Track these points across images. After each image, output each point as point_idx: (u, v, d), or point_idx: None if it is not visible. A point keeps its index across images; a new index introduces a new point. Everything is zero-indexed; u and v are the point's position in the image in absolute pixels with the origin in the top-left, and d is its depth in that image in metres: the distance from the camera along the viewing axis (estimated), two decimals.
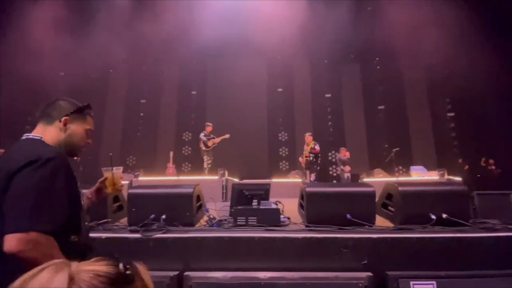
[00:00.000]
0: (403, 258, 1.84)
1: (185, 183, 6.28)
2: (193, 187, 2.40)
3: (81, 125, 1.18)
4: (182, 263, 1.92)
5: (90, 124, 1.22)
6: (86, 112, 1.21)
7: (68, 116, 1.14)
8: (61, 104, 1.16)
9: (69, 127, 1.14)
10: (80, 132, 1.17)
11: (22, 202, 0.87)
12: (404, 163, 8.83)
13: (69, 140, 1.14)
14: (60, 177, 0.94)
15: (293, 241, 1.91)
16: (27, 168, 0.91)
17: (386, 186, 2.47)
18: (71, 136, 1.14)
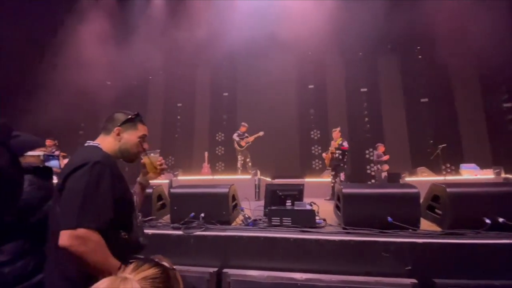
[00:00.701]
0: (452, 265, 1.70)
1: (219, 182, 6.50)
2: (229, 187, 2.48)
3: (133, 133, 1.28)
4: (220, 260, 2.00)
5: (142, 131, 1.31)
6: (137, 120, 1.31)
7: (120, 126, 1.26)
8: (115, 117, 1.30)
9: (123, 136, 1.26)
10: (133, 139, 1.27)
11: (72, 202, 0.98)
12: (452, 161, 8.06)
13: (123, 148, 1.25)
14: (105, 180, 1.03)
15: (330, 243, 1.88)
16: (77, 171, 1.03)
17: (432, 187, 2.29)
18: (125, 144, 1.25)
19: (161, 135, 10.97)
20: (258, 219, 2.51)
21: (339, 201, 2.34)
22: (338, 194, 2.40)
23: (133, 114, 1.32)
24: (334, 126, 9.85)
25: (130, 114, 1.32)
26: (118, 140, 1.25)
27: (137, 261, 0.73)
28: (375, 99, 10.14)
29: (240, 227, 2.29)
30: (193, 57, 10.12)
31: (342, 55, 10.41)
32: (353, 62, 10.39)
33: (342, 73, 10.48)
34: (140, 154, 1.32)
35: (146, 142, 1.33)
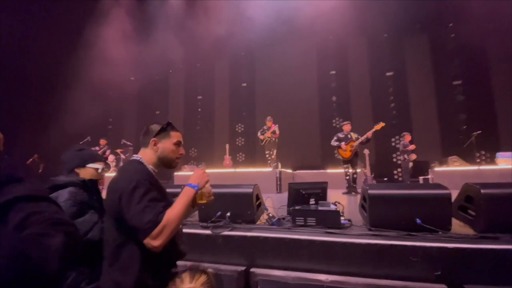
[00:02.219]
0: (485, 271, 1.64)
1: (242, 175, 6.63)
2: (253, 187, 2.54)
3: (168, 141, 1.36)
4: (247, 259, 2.09)
5: (176, 137, 1.38)
6: (169, 129, 1.38)
7: (155, 137, 1.35)
8: (150, 129, 1.39)
9: (159, 146, 1.35)
10: (169, 147, 1.35)
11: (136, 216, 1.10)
12: (488, 148, 7.53)
13: (162, 156, 1.35)
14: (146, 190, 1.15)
15: (355, 247, 1.89)
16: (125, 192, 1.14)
17: (464, 187, 2.19)
18: (162, 152, 1.35)
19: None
20: (282, 218, 2.56)
21: (365, 201, 2.31)
22: (364, 194, 2.37)
23: (165, 124, 1.40)
24: (357, 113, 9.60)
25: (163, 124, 1.40)
26: (156, 150, 1.35)
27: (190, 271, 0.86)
28: (402, 84, 9.60)
29: (265, 227, 2.36)
30: (211, 49, 10.14)
31: (365, 37, 9.88)
32: (378, 44, 9.84)
33: (366, 56, 9.99)
34: (178, 159, 1.40)
35: (182, 147, 1.41)
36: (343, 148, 5.70)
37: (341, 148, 5.73)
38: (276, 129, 7.18)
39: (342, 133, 5.87)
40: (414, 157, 6.74)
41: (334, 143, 5.86)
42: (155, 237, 1.05)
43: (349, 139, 5.71)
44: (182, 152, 1.40)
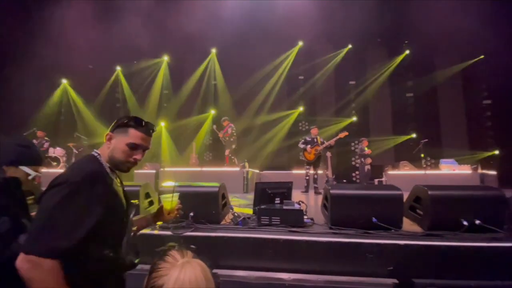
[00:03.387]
0: (431, 266, 1.80)
1: (208, 174, 6.48)
2: (218, 186, 2.48)
3: (123, 139, 1.13)
4: (210, 260, 2.02)
5: (133, 138, 1.13)
6: (130, 125, 1.14)
7: (112, 131, 1.14)
8: (114, 121, 1.19)
9: (112, 142, 1.14)
10: (120, 146, 1.12)
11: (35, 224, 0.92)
12: (433, 155, 8.41)
13: (111, 156, 1.13)
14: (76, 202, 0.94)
15: (317, 245, 1.94)
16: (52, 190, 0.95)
17: (415, 188, 2.39)
18: (112, 151, 1.13)
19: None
20: (247, 217, 2.54)
21: (327, 201, 2.39)
22: (326, 194, 2.46)
23: (126, 118, 1.18)
24: (321, 118, 10.03)
25: (127, 118, 1.18)
26: (108, 146, 1.14)
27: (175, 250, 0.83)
28: (363, 92, 10.28)
29: (229, 226, 2.31)
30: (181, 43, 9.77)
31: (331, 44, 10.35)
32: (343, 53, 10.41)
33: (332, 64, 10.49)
34: (129, 164, 1.15)
35: (139, 152, 1.15)
36: (308, 151, 5.96)
37: (307, 151, 5.99)
38: (229, 129, 7.23)
39: (310, 136, 6.12)
40: (369, 161, 7.28)
41: (301, 145, 6.10)
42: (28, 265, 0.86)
43: (315, 142, 5.97)
44: (136, 157, 1.14)
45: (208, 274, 0.78)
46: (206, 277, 0.76)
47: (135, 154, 1.15)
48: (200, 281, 0.74)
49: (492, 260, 1.78)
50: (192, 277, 0.73)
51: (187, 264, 0.77)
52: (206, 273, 0.77)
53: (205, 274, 0.76)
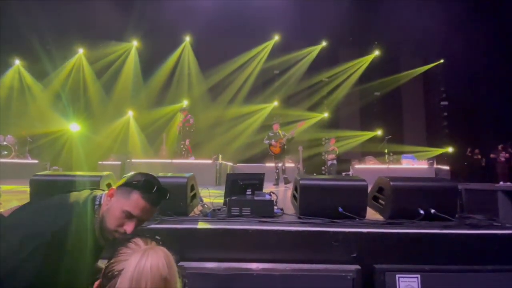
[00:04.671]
0: (390, 252, 1.91)
1: (180, 166, 6.28)
2: (187, 177, 2.39)
3: (121, 201, 0.96)
4: (176, 253, 1.94)
5: (132, 206, 0.95)
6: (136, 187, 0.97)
7: (117, 187, 0.99)
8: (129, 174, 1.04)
9: (111, 201, 0.98)
10: (115, 211, 0.95)
11: None
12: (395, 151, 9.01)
13: (102, 216, 0.97)
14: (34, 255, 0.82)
15: (286, 234, 1.95)
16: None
17: (378, 180, 2.51)
18: (106, 212, 0.97)
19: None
20: (217, 209, 2.49)
21: (296, 191, 2.43)
22: (296, 185, 2.49)
23: (141, 180, 0.99)
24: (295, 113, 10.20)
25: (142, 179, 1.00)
26: (106, 204, 0.98)
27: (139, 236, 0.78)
28: (334, 90, 10.62)
29: (198, 218, 2.24)
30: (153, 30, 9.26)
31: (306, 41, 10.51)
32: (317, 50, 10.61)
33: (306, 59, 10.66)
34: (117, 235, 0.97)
35: (132, 223, 0.97)
36: (274, 145, 6.20)
37: (272, 145, 6.25)
38: (191, 119, 7.11)
39: (272, 131, 6.33)
40: (331, 157, 7.77)
41: (266, 141, 6.42)
42: None
43: (278, 136, 6.17)
44: (127, 229, 0.96)
45: (172, 262, 0.75)
46: (169, 264, 0.72)
47: (126, 224, 0.97)
48: (162, 268, 0.70)
49: (445, 245, 1.93)
50: (154, 264, 0.69)
51: (150, 250, 0.73)
52: (170, 261, 0.74)
53: (168, 262, 0.73)
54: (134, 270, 0.67)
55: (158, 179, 1.05)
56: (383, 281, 1.76)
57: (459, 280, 1.74)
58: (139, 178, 1.02)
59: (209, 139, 8.83)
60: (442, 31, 8.42)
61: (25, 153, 7.31)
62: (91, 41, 9.49)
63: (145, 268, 0.68)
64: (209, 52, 9.99)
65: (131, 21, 8.82)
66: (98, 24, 8.68)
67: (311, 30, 9.59)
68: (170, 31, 9.45)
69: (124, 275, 0.67)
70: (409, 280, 1.74)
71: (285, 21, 8.97)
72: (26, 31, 7.95)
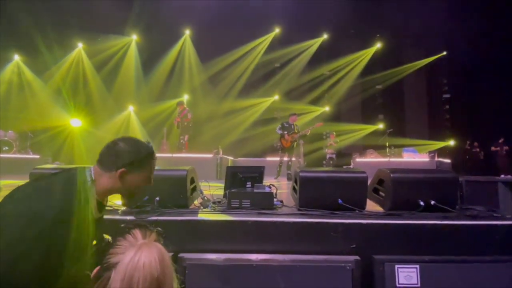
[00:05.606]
0: (390, 242, 1.91)
1: (180, 161, 6.29)
2: (187, 170, 2.39)
3: (142, 174, 1.09)
4: (176, 245, 1.96)
5: (151, 170, 1.12)
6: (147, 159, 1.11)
7: (125, 167, 1.05)
8: (119, 151, 1.06)
9: (126, 178, 1.06)
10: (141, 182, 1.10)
11: None
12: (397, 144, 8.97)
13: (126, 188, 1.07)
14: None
15: (285, 225, 1.96)
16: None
17: (378, 172, 2.50)
18: (130, 186, 1.07)
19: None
20: (217, 201, 2.50)
21: (296, 184, 2.43)
22: (295, 177, 2.49)
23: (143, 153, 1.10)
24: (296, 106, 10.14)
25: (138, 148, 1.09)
26: (121, 182, 1.05)
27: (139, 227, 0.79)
28: (336, 83, 10.53)
29: (197, 210, 2.26)
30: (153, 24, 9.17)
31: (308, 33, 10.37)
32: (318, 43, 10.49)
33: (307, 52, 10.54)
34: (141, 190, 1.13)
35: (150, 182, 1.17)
36: (286, 138, 5.95)
37: (284, 138, 5.97)
38: (189, 114, 7.04)
39: (287, 122, 6.11)
40: (329, 151, 7.85)
41: (278, 131, 6.07)
42: None
43: (292, 129, 6.00)
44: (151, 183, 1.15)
45: (166, 260, 0.74)
46: (162, 263, 0.72)
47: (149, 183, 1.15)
48: (154, 266, 0.70)
49: (445, 236, 1.93)
50: (146, 261, 0.70)
51: (145, 246, 0.73)
52: (163, 259, 0.73)
53: (162, 260, 0.73)
54: (127, 267, 0.68)
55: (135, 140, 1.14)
56: (382, 271, 1.76)
57: (458, 270, 1.74)
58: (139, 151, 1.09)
59: (209, 133, 8.82)
60: (445, 23, 8.28)
61: (27, 148, 7.33)
62: (90, 36, 9.41)
63: (138, 266, 0.68)
64: (209, 46, 9.88)
65: (131, 15, 8.74)
66: (97, 18, 8.60)
67: (312, 22, 9.47)
68: (169, 24, 9.36)
69: (118, 270, 0.69)
70: (408, 270, 1.75)
71: (285, 14, 8.85)
72: (25, 26, 7.90)
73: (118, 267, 0.69)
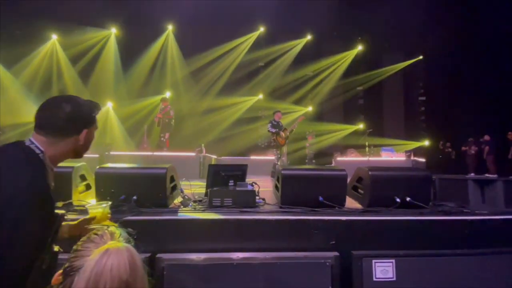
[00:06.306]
0: (368, 238, 1.96)
1: (161, 159, 6.13)
2: (166, 168, 2.32)
3: (94, 127, 1.10)
4: (154, 245, 1.90)
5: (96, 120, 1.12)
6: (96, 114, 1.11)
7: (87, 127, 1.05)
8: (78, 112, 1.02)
9: (87, 137, 1.07)
10: (93, 135, 1.10)
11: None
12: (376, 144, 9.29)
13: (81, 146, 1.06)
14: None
15: (267, 223, 1.95)
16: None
17: (357, 170, 2.56)
18: (86, 143, 1.06)
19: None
20: (199, 200, 2.45)
21: (278, 182, 2.43)
22: (277, 175, 2.49)
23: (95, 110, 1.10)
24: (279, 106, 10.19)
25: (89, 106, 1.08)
26: (84, 142, 1.04)
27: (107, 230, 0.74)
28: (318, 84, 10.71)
29: (177, 209, 2.20)
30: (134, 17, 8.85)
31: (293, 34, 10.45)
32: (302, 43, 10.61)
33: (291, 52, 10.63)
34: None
35: None
36: (282, 135, 5.86)
37: (280, 135, 5.88)
38: (171, 111, 6.90)
39: (275, 120, 6.04)
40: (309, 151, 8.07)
41: (272, 129, 5.93)
42: None
43: (282, 126, 5.97)
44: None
45: (137, 262, 0.68)
46: (132, 265, 0.66)
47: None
48: (124, 269, 0.64)
49: (419, 231, 2.01)
50: (114, 264, 0.64)
51: (113, 248, 0.67)
52: (134, 261, 0.67)
53: (132, 262, 0.67)
54: (92, 271, 0.62)
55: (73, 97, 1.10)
56: (360, 266, 1.81)
57: (431, 264, 1.82)
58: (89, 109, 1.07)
59: (191, 130, 8.67)
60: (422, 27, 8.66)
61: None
62: (66, 27, 8.92)
63: (105, 269, 0.62)
64: (193, 41, 9.69)
65: (109, 7, 8.38)
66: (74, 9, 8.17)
67: (297, 23, 9.56)
68: (151, 19, 9.07)
69: (82, 275, 0.62)
70: (384, 265, 1.80)
71: (270, 13, 8.86)
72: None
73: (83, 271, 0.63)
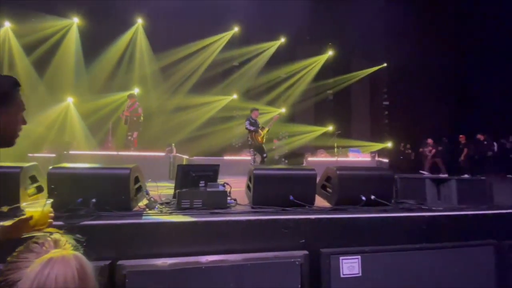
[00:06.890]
0: (336, 236, 2.01)
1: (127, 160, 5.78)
2: (130, 168, 2.17)
3: (15, 109, 0.97)
4: (115, 251, 1.76)
5: (23, 103, 1.00)
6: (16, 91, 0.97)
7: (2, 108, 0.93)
8: None
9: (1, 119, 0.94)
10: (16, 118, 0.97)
11: None
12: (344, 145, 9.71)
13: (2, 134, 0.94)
14: None
15: (238, 224, 1.91)
16: None
17: (326, 170, 2.63)
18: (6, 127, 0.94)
19: None
20: (166, 202, 2.33)
21: (250, 182, 2.41)
22: (249, 174, 2.47)
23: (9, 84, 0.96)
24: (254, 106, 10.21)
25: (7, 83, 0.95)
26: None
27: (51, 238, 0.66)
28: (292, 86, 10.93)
29: (141, 212, 2.07)
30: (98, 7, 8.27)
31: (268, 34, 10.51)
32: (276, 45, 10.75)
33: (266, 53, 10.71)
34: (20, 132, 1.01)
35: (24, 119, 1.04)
36: (260, 134, 5.72)
37: (258, 133, 5.73)
38: (139, 109, 6.59)
39: (252, 118, 5.91)
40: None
41: (250, 127, 5.73)
42: None
43: (259, 125, 5.88)
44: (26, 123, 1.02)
45: (87, 271, 0.61)
46: (81, 276, 0.59)
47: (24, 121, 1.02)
48: (71, 280, 0.57)
49: (383, 228, 2.11)
50: (60, 274, 0.56)
51: (58, 257, 0.59)
52: (83, 270, 0.60)
53: (81, 272, 0.59)
54: (33, 283, 0.54)
55: None
56: (328, 264, 1.84)
57: (393, 258, 1.92)
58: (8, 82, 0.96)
59: (160, 128, 8.32)
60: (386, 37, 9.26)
61: None
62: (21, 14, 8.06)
63: (48, 281, 0.55)
64: (164, 37, 9.31)
65: None
66: None
67: (271, 25, 9.66)
68: (119, 10, 8.56)
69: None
70: (351, 262, 1.86)
71: (245, 13, 8.85)
72: None
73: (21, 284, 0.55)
